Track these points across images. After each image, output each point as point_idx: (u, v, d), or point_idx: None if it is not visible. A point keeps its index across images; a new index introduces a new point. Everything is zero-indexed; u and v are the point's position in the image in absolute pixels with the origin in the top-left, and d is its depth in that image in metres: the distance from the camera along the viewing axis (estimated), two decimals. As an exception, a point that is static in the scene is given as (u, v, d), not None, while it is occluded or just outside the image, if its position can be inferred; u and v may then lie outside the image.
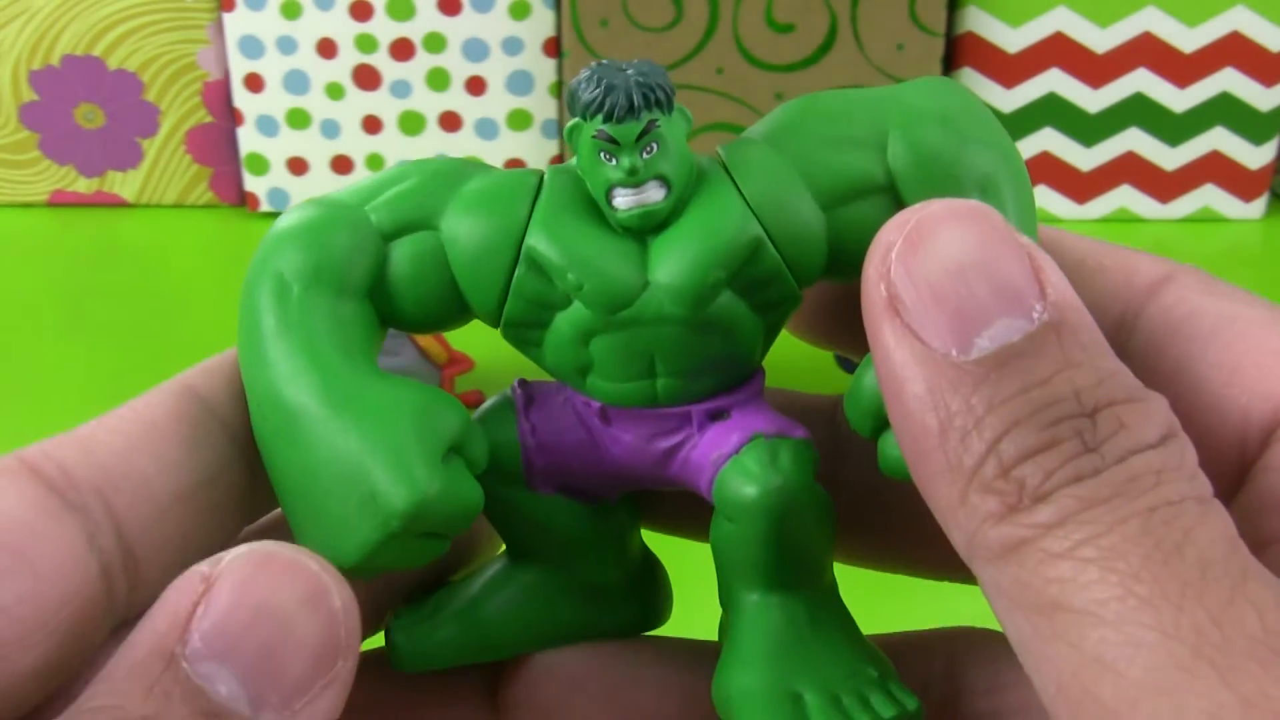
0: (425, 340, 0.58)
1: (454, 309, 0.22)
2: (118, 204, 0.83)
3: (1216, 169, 0.81)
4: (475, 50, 0.79)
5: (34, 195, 0.82)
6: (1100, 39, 0.78)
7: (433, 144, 0.81)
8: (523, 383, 0.23)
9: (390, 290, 0.21)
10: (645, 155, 0.20)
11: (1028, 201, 0.21)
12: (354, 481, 0.19)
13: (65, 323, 0.70)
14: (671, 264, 0.21)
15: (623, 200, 0.20)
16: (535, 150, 0.82)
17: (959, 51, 0.79)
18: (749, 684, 0.21)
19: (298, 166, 0.82)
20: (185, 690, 0.16)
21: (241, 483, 0.21)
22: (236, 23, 0.79)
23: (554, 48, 0.79)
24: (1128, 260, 0.21)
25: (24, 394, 0.62)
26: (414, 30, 0.79)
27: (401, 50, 0.79)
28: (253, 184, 0.82)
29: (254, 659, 0.17)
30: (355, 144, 0.81)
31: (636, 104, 0.20)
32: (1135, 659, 0.15)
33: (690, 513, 0.24)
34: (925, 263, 0.18)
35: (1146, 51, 0.78)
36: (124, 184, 0.83)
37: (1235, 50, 0.78)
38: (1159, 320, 0.20)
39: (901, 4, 0.76)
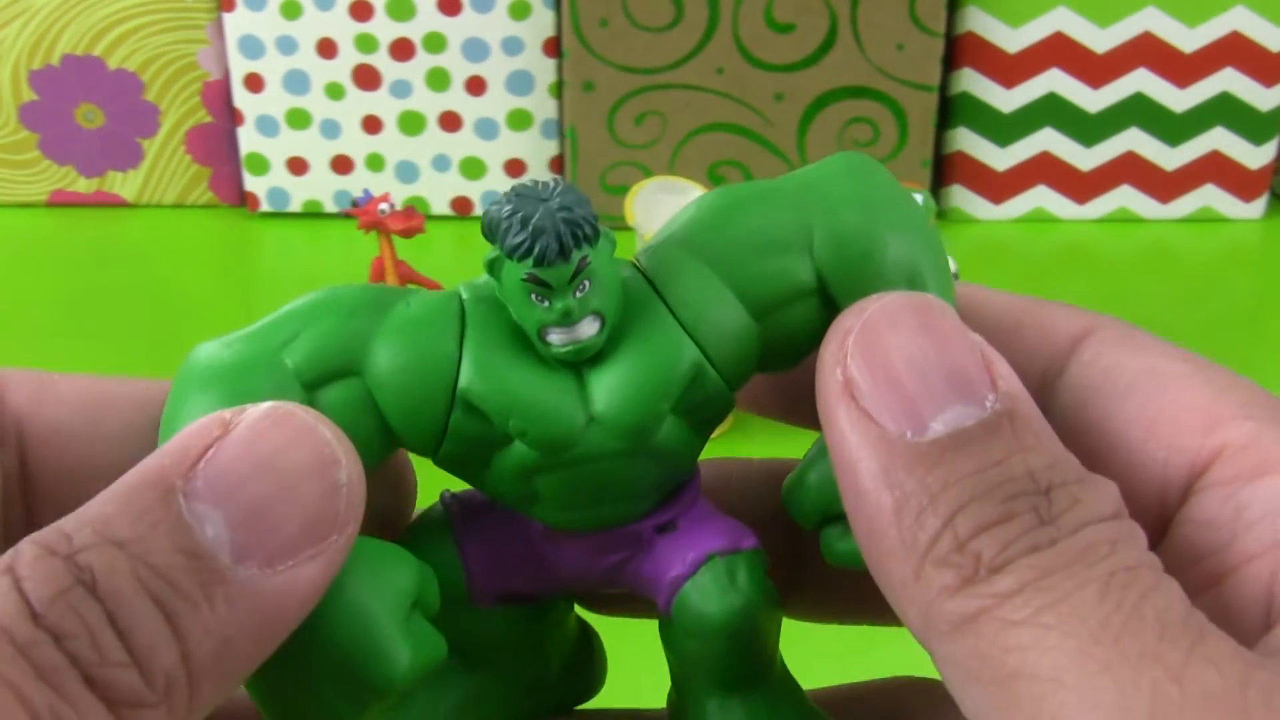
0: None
1: (386, 451, 0.21)
2: (118, 204, 0.83)
3: (1216, 169, 0.81)
4: (475, 50, 0.79)
5: (34, 195, 0.82)
6: (1100, 39, 0.78)
7: (433, 144, 0.81)
8: (454, 497, 0.22)
9: None
10: (578, 294, 0.19)
11: (947, 285, 0.21)
12: (326, 667, 0.19)
13: (65, 323, 0.70)
14: (614, 399, 0.20)
15: (557, 338, 0.20)
16: (535, 150, 0.82)
17: (959, 51, 0.79)
18: None
19: (298, 166, 0.82)
20: (173, 523, 0.16)
21: None
22: (236, 23, 0.79)
23: (554, 48, 0.79)
24: (1046, 317, 0.21)
25: (24, 394, 0.62)
26: (414, 30, 0.79)
27: (401, 50, 0.79)
28: (253, 184, 0.82)
29: (248, 511, 0.17)
30: (355, 144, 0.81)
31: (567, 245, 0.19)
32: None
33: (630, 600, 0.24)
34: (881, 350, 0.18)
35: (1146, 51, 0.78)
36: (124, 184, 0.83)
37: (1235, 50, 0.78)
38: (1079, 377, 0.21)
39: (901, 4, 0.76)
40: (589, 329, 0.20)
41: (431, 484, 0.23)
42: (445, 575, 0.21)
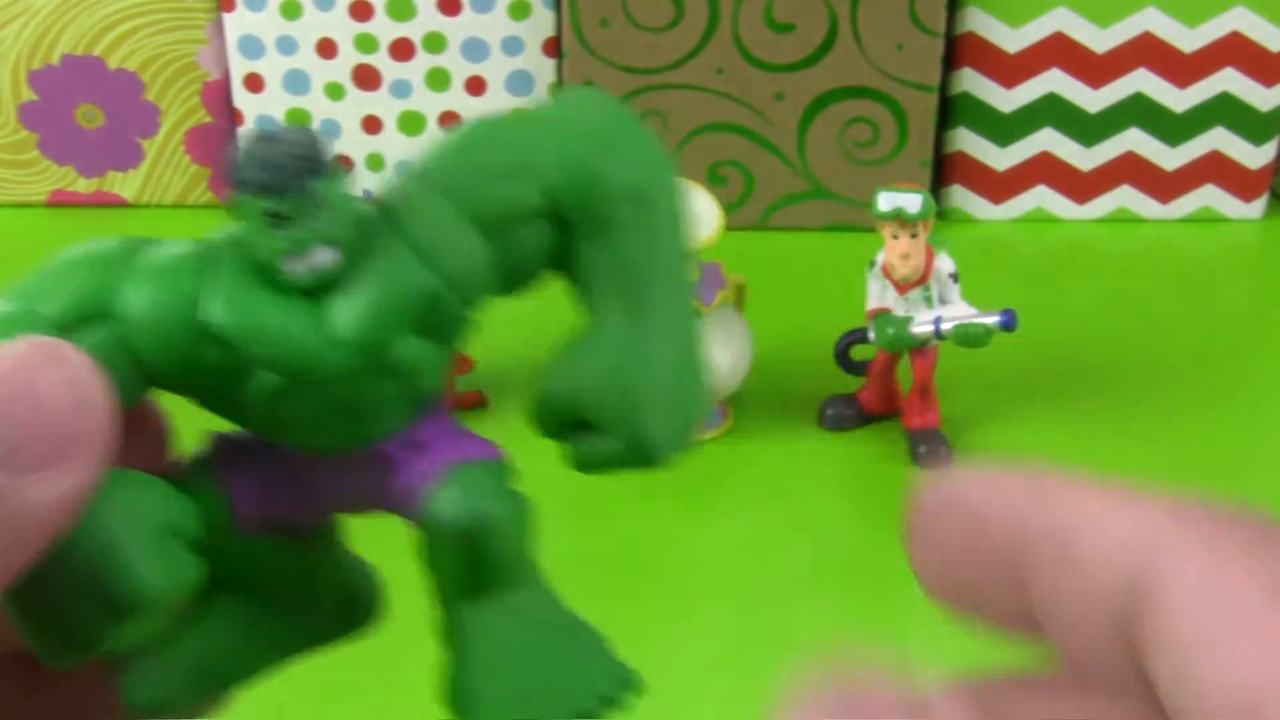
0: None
1: (141, 389, 0.22)
2: (118, 204, 0.83)
3: (1216, 169, 0.81)
4: (475, 50, 0.79)
5: (34, 195, 0.82)
6: (1100, 39, 0.78)
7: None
8: (219, 435, 0.24)
9: None
10: (311, 223, 0.21)
11: (682, 208, 0.22)
12: (78, 585, 0.20)
13: (65, 323, 0.70)
14: (350, 321, 0.21)
15: (292, 266, 0.21)
16: (535, 150, 0.82)
17: (959, 51, 0.79)
18: (483, 691, 0.23)
19: (298, 166, 0.82)
20: None
21: None
22: (236, 23, 0.79)
23: (554, 48, 0.79)
24: (1105, 544, 0.17)
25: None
26: (414, 30, 0.79)
27: (401, 50, 0.79)
28: (253, 184, 0.82)
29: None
30: (355, 144, 0.81)
31: (298, 177, 0.20)
32: None
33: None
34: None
35: (1146, 51, 0.78)
36: (124, 184, 0.83)
37: (1235, 50, 0.78)
38: (1158, 633, 0.17)
39: (901, 4, 0.76)
40: (323, 257, 0.21)
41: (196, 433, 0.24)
42: (208, 505, 0.23)
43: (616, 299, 0.23)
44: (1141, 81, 0.79)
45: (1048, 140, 0.81)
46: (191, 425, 0.24)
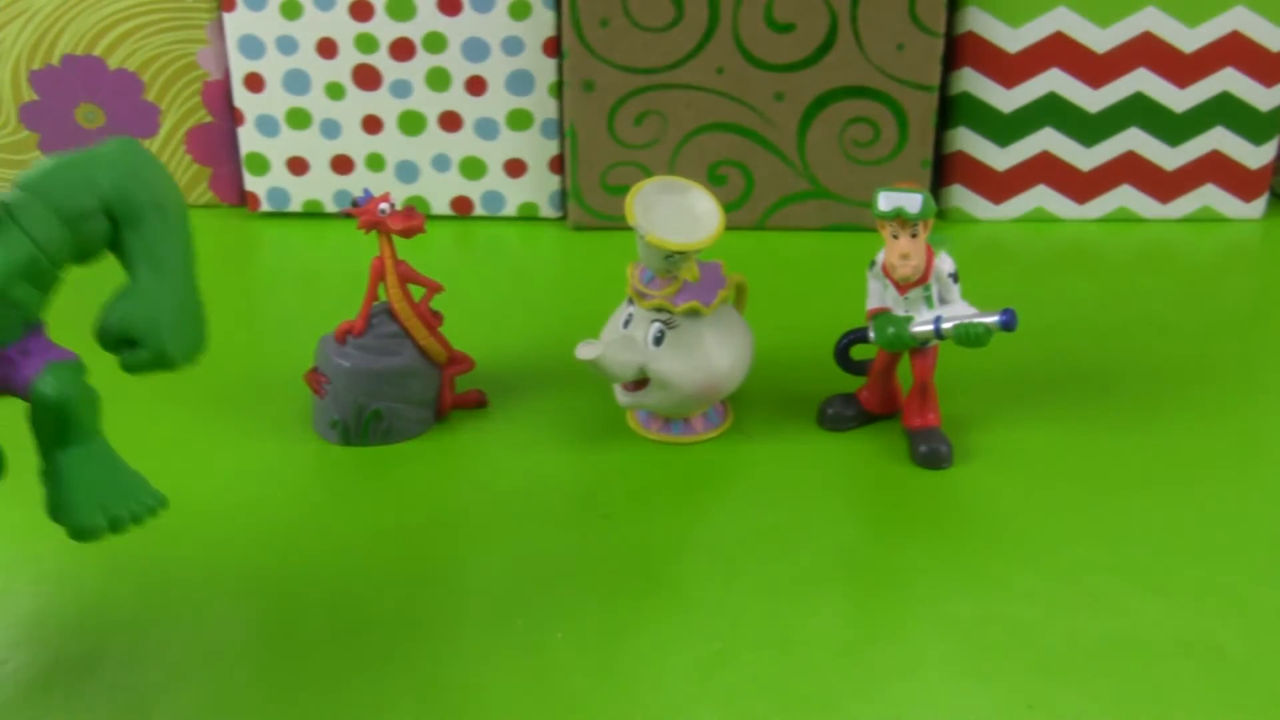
0: (425, 340, 0.58)
1: None
2: (118, 204, 0.83)
3: (1216, 169, 0.81)
4: (475, 50, 0.79)
5: (34, 195, 0.82)
6: (1100, 39, 0.78)
7: (433, 144, 0.81)
8: None
9: None
10: None
11: (183, 211, 0.43)
12: None
13: (65, 323, 0.70)
14: None
15: None
16: (535, 149, 0.82)
17: (959, 51, 0.79)
18: (74, 501, 0.41)
19: (298, 166, 0.82)
20: None
21: None
22: (236, 23, 0.79)
23: (554, 48, 0.79)
24: None
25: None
26: (414, 30, 0.79)
27: (401, 50, 0.79)
28: (253, 184, 0.82)
29: None
30: (355, 144, 0.81)
31: None
32: None
33: None
34: None
35: (1146, 51, 0.78)
36: (124, 184, 0.83)
37: (1235, 50, 0.78)
38: None
39: (901, 4, 0.76)
40: None
41: None
42: None
43: (146, 265, 0.42)
44: (1141, 81, 0.79)
45: (1048, 140, 0.81)
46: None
